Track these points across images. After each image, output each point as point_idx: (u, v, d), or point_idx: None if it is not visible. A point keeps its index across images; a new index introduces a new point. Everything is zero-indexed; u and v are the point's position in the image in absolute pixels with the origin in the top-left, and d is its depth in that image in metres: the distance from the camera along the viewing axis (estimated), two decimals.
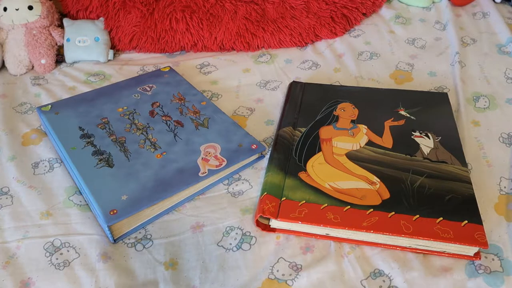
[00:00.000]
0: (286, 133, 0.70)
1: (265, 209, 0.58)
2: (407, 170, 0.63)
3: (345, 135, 0.69)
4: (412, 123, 0.71)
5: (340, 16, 0.99)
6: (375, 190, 0.60)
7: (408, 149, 0.66)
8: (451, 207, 0.57)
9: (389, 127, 0.71)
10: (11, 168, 0.67)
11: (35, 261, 0.55)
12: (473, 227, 0.54)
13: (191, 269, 0.55)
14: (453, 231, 0.54)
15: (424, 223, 0.55)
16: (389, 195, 0.59)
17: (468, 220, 0.55)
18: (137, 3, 0.93)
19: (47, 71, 0.90)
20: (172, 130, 0.70)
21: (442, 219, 0.55)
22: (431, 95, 0.78)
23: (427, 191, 0.59)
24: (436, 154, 0.65)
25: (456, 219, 0.55)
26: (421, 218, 0.56)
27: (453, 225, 0.55)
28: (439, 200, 0.58)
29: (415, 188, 0.60)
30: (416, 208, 0.57)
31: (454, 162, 0.64)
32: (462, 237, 0.53)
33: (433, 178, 0.61)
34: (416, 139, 0.68)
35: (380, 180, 0.62)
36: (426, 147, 0.66)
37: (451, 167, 0.63)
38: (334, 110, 0.75)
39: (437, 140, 0.68)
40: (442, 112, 0.74)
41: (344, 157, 0.66)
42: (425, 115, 0.73)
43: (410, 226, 0.55)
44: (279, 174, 0.63)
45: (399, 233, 0.54)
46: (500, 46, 0.94)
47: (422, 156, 0.65)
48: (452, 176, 0.62)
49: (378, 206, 0.58)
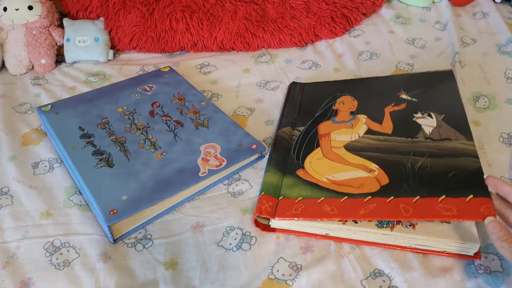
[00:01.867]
0: (285, 133, 0.70)
1: (262, 209, 0.58)
2: (407, 153, 0.60)
3: (343, 128, 0.68)
4: (414, 106, 0.68)
5: (340, 16, 0.99)
6: (374, 177, 0.58)
7: (409, 132, 0.63)
8: (455, 184, 0.53)
9: (389, 112, 0.68)
10: (11, 168, 0.67)
11: (35, 261, 0.55)
12: (480, 200, 0.50)
13: (191, 269, 0.55)
14: (457, 207, 0.50)
15: (425, 204, 0.52)
16: (388, 180, 0.57)
17: (474, 194, 0.50)
18: (137, 3, 0.93)
19: (47, 71, 0.90)
20: (172, 130, 0.70)
21: (444, 197, 0.52)
22: (434, 75, 0.74)
23: (429, 170, 0.56)
24: (439, 132, 0.62)
25: (461, 195, 0.51)
26: (422, 199, 0.52)
27: (457, 202, 0.51)
28: (442, 179, 0.55)
29: (415, 169, 0.57)
30: (416, 190, 0.54)
31: (459, 137, 0.60)
32: (467, 213, 0.49)
33: (435, 157, 0.58)
34: (418, 120, 0.65)
35: (379, 166, 0.59)
36: (428, 127, 0.63)
37: (455, 143, 0.59)
38: (333, 104, 0.74)
39: (440, 118, 0.64)
40: (446, 90, 0.69)
41: (342, 149, 0.64)
42: (428, 95, 0.69)
43: (410, 209, 0.52)
44: (277, 173, 0.63)
45: (398, 217, 0.51)
46: (500, 46, 0.94)
47: (424, 137, 0.62)
48: (456, 152, 0.58)
49: (376, 192, 0.55)
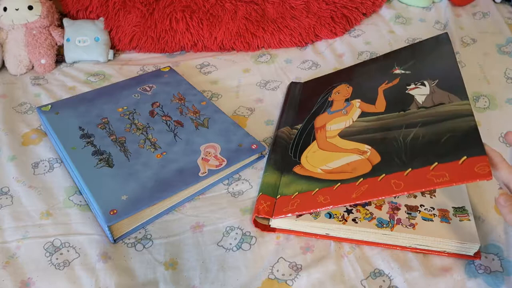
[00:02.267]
0: (284, 133, 0.70)
1: (260, 209, 0.58)
2: (399, 127, 0.58)
3: (338, 116, 0.67)
4: (408, 78, 0.67)
5: (340, 16, 0.99)
6: (366, 158, 0.57)
7: (401, 106, 0.62)
8: (448, 148, 0.51)
9: (383, 91, 0.67)
10: (11, 168, 0.67)
11: (35, 261, 0.55)
12: (474, 160, 0.47)
13: (191, 269, 0.54)
14: (449, 172, 0.48)
15: (416, 175, 0.50)
16: (380, 158, 0.56)
17: (467, 155, 0.48)
18: (137, 3, 0.93)
19: (47, 71, 0.90)
20: (172, 130, 0.70)
21: (436, 164, 0.50)
22: (429, 41, 0.72)
23: (421, 140, 0.55)
24: (432, 98, 0.60)
25: (453, 158, 0.49)
26: (414, 170, 0.51)
27: (449, 166, 0.49)
28: (434, 146, 0.53)
29: (407, 142, 0.56)
30: (408, 163, 0.53)
31: (452, 99, 0.57)
32: (460, 176, 0.47)
33: (428, 124, 0.56)
34: (411, 92, 0.64)
35: (371, 147, 0.58)
36: (421, 96, 0.61)
37: (448, 106, 0.57)
38: (329, 96, 0.74)
39: (433, 84, 0.62)
40: (440, 54, 0.67)
41: (336, 138, 0.64)
42: (420, 64, 0.68)
43: (401, 183, 0.50)
44: (275, 173, 0.63)
45: (390, 194, 0.51)
46: (500, 46, 0.94)
47: (416, 107, 0.60)
48: (449, 115, 0.55)
49: (368, 173, 0.55)
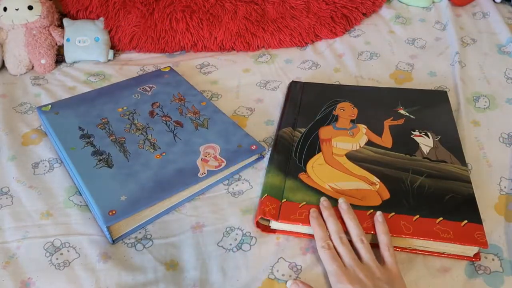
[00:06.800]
0: (286, 134, 0.70)
1: (266, 211, 0.58)
2: (407, 170, 0.62)
3: (344, 135, 0.69)
4: (412, 122, 0.71)
5: (340, 16, 0.99)
6: (375, 190, 0.60)
7: (407, 149, 0.66)
8: (451, 207, 0.57)
9: (389, 126, 0.71)
10: (11, 168, 0.67)
11: (35, 261, 0.55)
12: (473, 226, 0.54)
13: (191, 269, 0.54)
14: (453, 231, 0.54)
15: (424, 223, 0.55)
16: (389, 195, 0.59)
17: (468, 220, 0.55)
18: (137, 3, 0.93)
19: (47, 71, 0.90)
20: (172, 131, 0.70)
21: (442, 219, 0.55)
22: (430, 94, 0.78)
23: (427, 190, 0.59)
24: (436, 153, 0.65)
25: (456, 219, 0.55)
26: (421, 218, 0.55)
27: (453, 225, 0.54)
28: (439, 200, 0.58)
29: (414, 188, 0.60)
30: (416, 208, 0.57)
31: (454, 161, 0.63)
32: (462, 237, 0.53)
33: (433, 177, 0.61)
34: (416, 138, 0.68)
35: (380, 180, 0.61)
36: (425, 147, 0.66)
37: (450, 167, 0.63)
38: (333, 109, 0.75)
39: (436, 139, 0.67)
40: (441, 111, 0.73)
41: (343, 158, 0.65)
42: (424, 114, 0.73)
43: (410, 227, 0.55)
44: (279, 175, 0.63)
45: (400, 234, 0.54)
46: (500, 46, 0.94)
47: (421, 156, 0.65)
48: (451, 175, 0.61)
49: (378, 206, 0.58)
